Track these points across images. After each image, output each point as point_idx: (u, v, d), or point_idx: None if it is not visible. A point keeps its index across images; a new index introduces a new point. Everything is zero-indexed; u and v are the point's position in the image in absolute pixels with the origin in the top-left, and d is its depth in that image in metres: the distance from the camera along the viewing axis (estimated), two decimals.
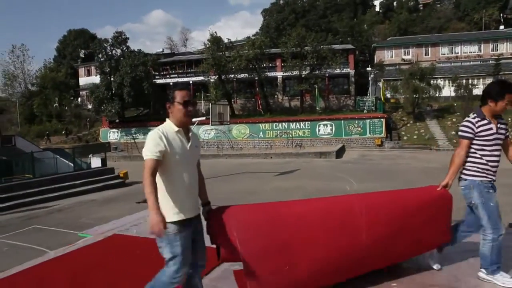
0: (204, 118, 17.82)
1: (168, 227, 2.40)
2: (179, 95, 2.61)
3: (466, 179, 3.32)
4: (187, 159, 2.58)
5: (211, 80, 34.89)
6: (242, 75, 34.01)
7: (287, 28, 39.85)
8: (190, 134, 2.68)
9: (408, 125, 32.65)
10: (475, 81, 36.56)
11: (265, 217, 2.95)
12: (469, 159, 3.31)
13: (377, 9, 72.27)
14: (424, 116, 33.64)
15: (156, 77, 40.70)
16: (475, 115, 3.28)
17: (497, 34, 43.16)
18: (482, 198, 3.21)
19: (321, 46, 31.85)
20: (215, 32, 33.83)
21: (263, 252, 2.79)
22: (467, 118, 3.33)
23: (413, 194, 3.53)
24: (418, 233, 3.28)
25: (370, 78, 32.81)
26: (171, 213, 2.48)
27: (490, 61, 37.74)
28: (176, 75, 41.26)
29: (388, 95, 35.95)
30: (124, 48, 36.41)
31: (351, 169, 20.14)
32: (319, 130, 30.65)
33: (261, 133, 31.88)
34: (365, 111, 32.23)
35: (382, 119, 29.89)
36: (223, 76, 33.93)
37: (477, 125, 3.22)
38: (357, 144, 29.93)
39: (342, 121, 30.34)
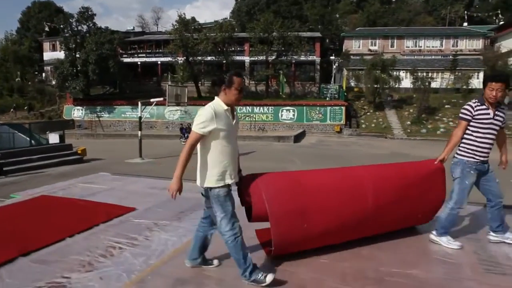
0: (161, 99, 18.12)
1: (219, 191, 2.89)
2: (237, 82, 2.98)
3: (456, 157, 3.80)
4: (232, 133, 2.99)
5: (179, 61, 34.84)
6: (210, 58, 34.12)
7: (258, 13, 39.98)
8: (234, 112, 3.10)
9: (368, 113, 33.94)
10: (435, 75, 38.18)
11: (287, 184, 3.36)
12: (463, 141, 3.73)
13: None
14: (384, 106, 35.00)
15: (124, 55, 40.13)
16: (476, 100, 3.70)
17: (458, 31, 44.89)
18: (461, 174, 3.68)
19: (288, 33, 32.32)
20: (184, 14, 33.72)
21: (286, 212, 3.20)
22: (468, 103, 3.77)
23: (413, 166, 4.05)
24: (418, 200, 3.80)
25: (334, 67, 33.70)
26: (221, 179, 2.91)
27: (450, 56, 39.34)
28: (144, 55, 40.80)
29: (353, 84, 37.11)
30: (91, 25, 35.65)
31: (304, 153, 21.10)
32: (282, 115, 31.45)
33: None
34: (327, 99, 33.22)
35: (342, 107, 30.97)
36: (190, 58, 33.93)
37: (475, 108, 3.62)
38: (318, 130, 30.96)
39: (304, 107, 31.22)
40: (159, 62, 39.55)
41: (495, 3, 60.78)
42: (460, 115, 3.72)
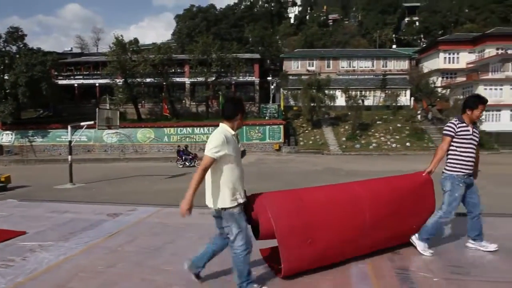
0: (92, 122, 17.76)
1: (233, 210, 3.05)
2: (244, 109, 3.26)
3: (445, 173, 4.05)
4: (239, 156, 3.19)
5: (118, 83, 34.31)
6: (149, 80, 33.99)
7: (198, 35, 40.61)
8: (238, 136, 3.30)
9: (306, 131, 35.35)
10: (367, 93, 40.75)
11: (291, 202, 3.49)
12: (450, 156, 4.01)
13: (292, 21, 76.50)
14: (322, 123, 36.67)
15: (59, 77, 38.75)
16: (456, 119, 4.01)
17: (387, 53, 48.56)
18: (452, 187, 3.96)
19: (226, 55, 33.16)
20: (121, 36, 33.43)
21: (291, 229, 3.33)
22: (450, 121, 4.07)
23: (405, 179, 4.27)
24: (412, 212, 4.00)
25: (272, 87, 34.94)
26: (234, 199, 3.07)
27: (381, 76, 42.29)
28: (82, 77, 39.69)
29: (292, 103, 38.60)
30: (21, 45, 34.19)
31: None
32: None
33: (166, 137, 32.19)
34: (266, 118, 34.23)
35: (280, 126, 32.04)
36: (129, 80, 33.56)
37: (457, 126, 3.96)
38: (257, 148, 31.70)
39: (244, 127, 31.89)
40: (97, 84, 38.62)
41: (418, 28, 66.60)
42: (444, 132, 4.06)
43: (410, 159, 27.19)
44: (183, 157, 23.81)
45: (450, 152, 4.02)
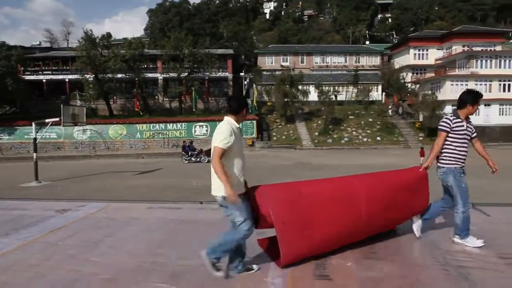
0: (57, 119, 17.39)
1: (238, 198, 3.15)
2: (247, 105, 3.51)
3: (443, 167, 4.10)
4: (241, 147, 3.38)
5: (89, 79, 33.62)
6: (121, 75, 33.45)
7: (171, 30, 40.19)
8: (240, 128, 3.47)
9: (280, 126, 35.66)
10: (340, 88, 41.43)
11: (290, 195, 3.59)
12: (445, 150, 4.09)
13: (268, 16, 76.58)
14: (295, 119, 37.06)
15: (26, 73, 37.62)
16: (452, 114, 4.11)
17: (359, 49, 49.35)
18: (456, 181, 4.01)
19: (198, 50, 32.99)
20: (91, 30, 32.74)
21: (290, 220, 3.43)
22: (446, 116, 4.17)
23: (400, 174, 4.39)
24: (406, 204, 4.10)
25: (245, 83, 35.01)
26: (237, 188, 3.21)
27: (353, 72, 42.99)
28: (51, 72, 38.63)
29: (266, 99, 38.79)
30: None
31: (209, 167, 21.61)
32: (195, 131, 31.80)
33: (138, 133, 31.84)
34: None
35: (254, 121, 32.20)
36: (100, 75, 32.93)
37: (453, 122, 4.04)
38: None
39: (217, 123, 31.37)
40: (67, 80, 37.69)
41: (391, 24, 67.98)
42: (440, 127, 4.13)
43: (379, 153, 27.90)
44: (189, 153, 23.54)
45: (446, 147, 4.12)
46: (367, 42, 59.71)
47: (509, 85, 38.08)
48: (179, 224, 5.39)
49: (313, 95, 37.91)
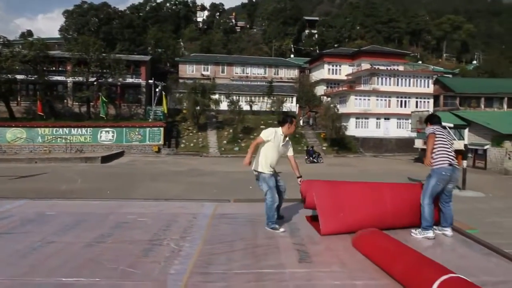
0: None
1: (265, 174, 4.56)
2: (291, 121, 4.75)
3: (434, 166, 4.58)
4: (278, 148, 4.69)
5: None
6: (22, 77, 32.31)
7: (88, 33, 39.54)
8: (287, 138, 4.80)
9: (191, 134, 36.36)
10: (257, 99, 43.10)
11: (329, 188, 4.71)
12: (436, 151, 4.59)
13: (201, 25, 77.39)
14: (208, 127, 37.99)
15: None
16: (433, 126, 4.75)
17: (278, 61, 51.76)
18: (435, 178, 4.48)
19: (107, 55, 32.86)
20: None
21: (328, 204, 4.49)
22: (431, 126, 4.75)
23: (412, 186, 5.13)
24: (415, 207, 4.68)
25: (157, 90, 35.31)
26: (267, 167, 4.59)
27: (272, 83, 44.91)
28: None
29: (183, 107, 39.31)
30: None
31: (97, 173, 21.74)
32: (101, 137, 31.51)
33: (39, 137, 30.89)
34: (150, 120, 34.61)
35: (161, 128, 32.63)
36: None
37: (437, 130, 4.66)
38: (137, 150, 31.90)
39: (124, 129, 31.92)
40: None
41: (316, 40, 71.89)
42: (428, 131, 4.77)
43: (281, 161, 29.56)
44: (313, 155, 29.60)
45: (435, 151, 4.67)
46: (292, 56, 62.59)
47: (406, 101, 41.98)
48: None
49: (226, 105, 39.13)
